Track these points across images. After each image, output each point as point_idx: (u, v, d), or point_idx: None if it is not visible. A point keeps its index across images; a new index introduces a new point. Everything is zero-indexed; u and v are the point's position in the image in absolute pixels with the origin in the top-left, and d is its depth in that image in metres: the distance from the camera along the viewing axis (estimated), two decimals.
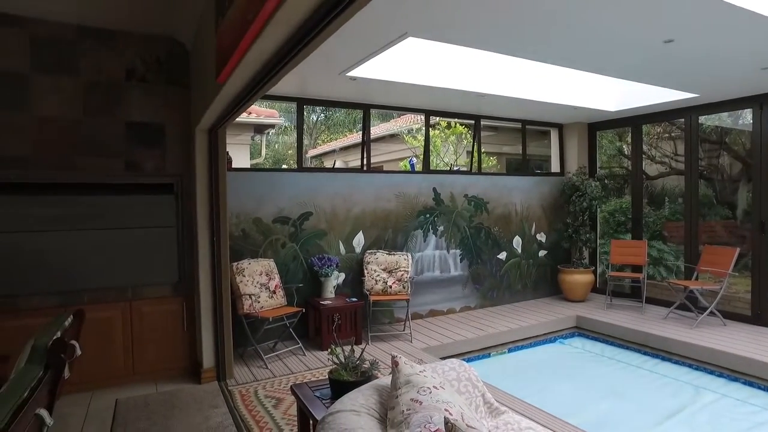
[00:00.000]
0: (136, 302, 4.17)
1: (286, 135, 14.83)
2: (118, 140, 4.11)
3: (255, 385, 4.18)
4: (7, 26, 3.76)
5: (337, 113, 15.65)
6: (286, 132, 14.62)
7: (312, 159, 14.91)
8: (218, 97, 2.96)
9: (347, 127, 15.78)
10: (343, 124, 16.02)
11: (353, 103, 6.04)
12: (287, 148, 15.27)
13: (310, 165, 13.81)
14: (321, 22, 1.79)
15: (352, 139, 13.38)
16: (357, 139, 12.83)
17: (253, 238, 5.19)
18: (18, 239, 3.79)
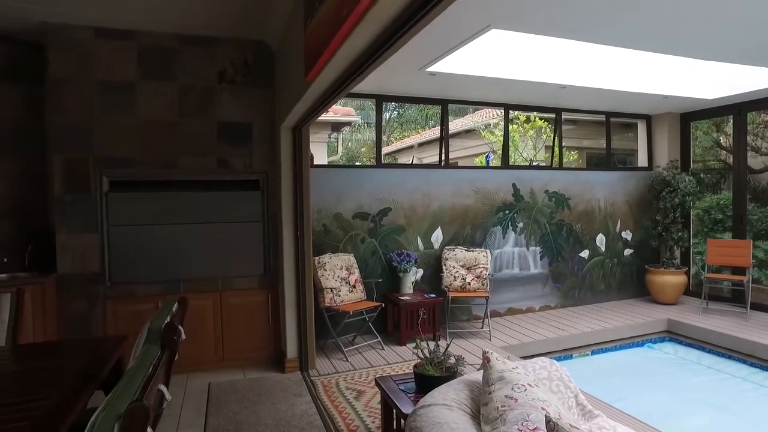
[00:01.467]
0: (225, 293, 4.41)
1: (359, 133, 15.07)
2: (211, 140, 4.37)
3: (336, 377, 4.29)
4: (120, 40, 4.11)
5: (409, 110, 15.67)
6: (358, 130, 14.87)
7: (385, 156, 15.04)
8: (306, 96, 3.06)
9: (420, 123, 15.76)
10: (416, 121, 16.02)
11: (431, 99, 6.02)
12: (360, 146, 15.52)
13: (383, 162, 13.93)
14: (413, 17, 1.80)
15: (425, 135, 13.35)
16: (430, 136, 12.79)
17: (333, 234, 5.32)
18: (131, 232, 4.15)
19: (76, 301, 4.04)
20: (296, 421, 3.45)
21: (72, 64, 4.04)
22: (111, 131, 4.11)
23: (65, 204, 4.02)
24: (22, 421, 1.61)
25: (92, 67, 4.08)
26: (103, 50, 4.10)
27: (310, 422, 3.44)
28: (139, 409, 1.16)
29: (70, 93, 4.03)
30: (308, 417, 3.52)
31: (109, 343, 2.49)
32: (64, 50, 4.02)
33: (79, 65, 4.05)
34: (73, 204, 4.03)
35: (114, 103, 4.11)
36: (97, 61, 4.09)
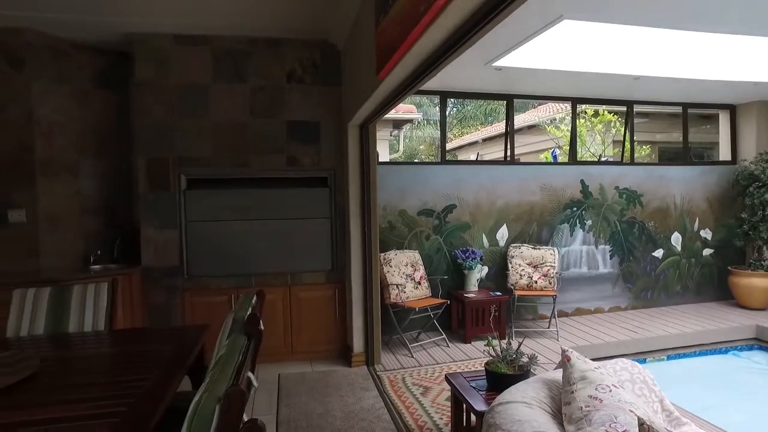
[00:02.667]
0: (294, 287, 4.54)
1: (417, 130, 15.05)
2: (281, 138, 4.51)
3: (402, 373, 4.31)
4: (196, 45, 4.33)
5: (467, 106, 15.47)
6: (417, 127, 14.85)
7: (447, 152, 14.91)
8: (376, 93, 3.09)
9: (479, 120, 15.53)
10: (475, 117, 15.80)
11: (496, 94, 5.92)
12: (418, 143, 15.50)
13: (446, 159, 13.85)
14: (495, 9, 1.77)
15: (486, 132, 13.13)
16: (491, 132, 12.56)
17: (398, 230, 5.36)
18: (206, 228, 4.37)
19: (158, 292, 4.29)
20: (364, 414, 3.51)
21: (154, 70, 4.29)
22: (188, 132, 4.34)
23: (148, 201, 4.29)
24: (129, 398, 1.74)
25: (171, 72, 4.32)
26: (181, 56, 4.33)
27: (378, 416, 3.48)
28: (238, 392, 1.21)
29: (152, 97, 4.28)
30: (376, 411, 3.56)
31: (193, 332, 2.63)
32: (147, 58, 4.28)
33: (160, 71, 4.30)
34: (155, 201, 4.29)
35: (191, 106, 4.34)
36: (175, 67, 4.32)
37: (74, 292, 2.88)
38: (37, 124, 4.19)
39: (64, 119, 4.33)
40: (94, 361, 2.35)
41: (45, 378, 2.00)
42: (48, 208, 4.25)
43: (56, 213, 4.30)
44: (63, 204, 4.34)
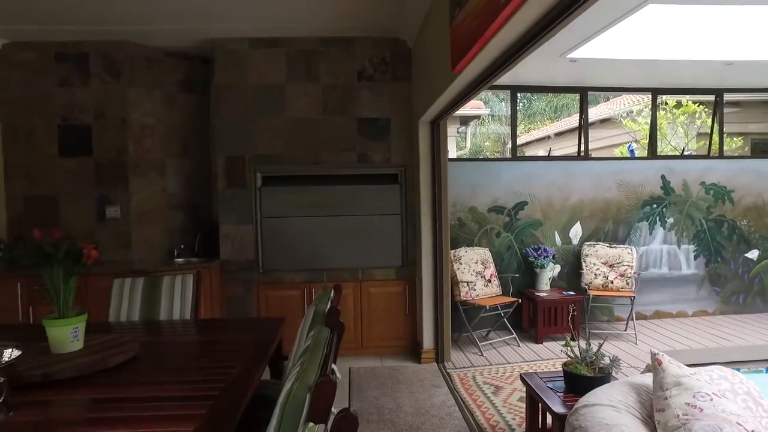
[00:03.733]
0: (364, 283, 4.60)
1: (482, 126, 14.79)
2: (352, 135, 4.58)
3: (472, 371, 4.27)
4: (271, 47, 4.49)
5: (535, 101, 15.02)
6: (482, 123, 14.59)
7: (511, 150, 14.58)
8: (450, 88, 3.06)
9: (547, 115, 15.04)
10: (543, 112, 15.32)
11: (568, 87, 5.70)
12: (483, 140, 15.22)
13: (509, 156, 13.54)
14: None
15: (556, 126, 12.69)
16: (561, 127, 12.13)
17: (468, 227, 5.30)
18: (280, 224, 4.53)
19: (235, 285, 4.50)
20: (435, 411, 3.50)
21: (232, 73, 4.49)
22: (263, 131, 4.50)
23: (226, 198, 4.50)
24: (219, 383, 1.83)
25: (248, 74, 4.50)
26: (257, 58, 4.50)
27: (449, 413, 3.46)
28: (328, 382, 1.25)
29: (231, 98, 4.49)
30: (447, 408, 3.55)
31: (272, 324, 2.74)
32: (226, 61, 4.49)
33: (237, 73, 4.49)
34: (233, 198, 4.49)
35: (266, 106, 4.50)
36: (252, 69, 4.50)
37: (164, 282, 3.07)
38: (130, 128, 4.51)
39: (154, 122, 4.64)
40: (184, 348, 2.50)
41: (143, 360, 2.15)
42: (138, 205, 4.57)
43: (145, 209, 4.61)
44: (151, 201, 4.65)
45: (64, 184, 4.54)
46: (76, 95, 4.52)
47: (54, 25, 4.16)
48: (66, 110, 4.52)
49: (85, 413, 1.69)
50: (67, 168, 4.54)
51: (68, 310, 2.12)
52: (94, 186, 4.54)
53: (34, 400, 1.71)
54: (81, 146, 4.53)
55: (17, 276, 4.06)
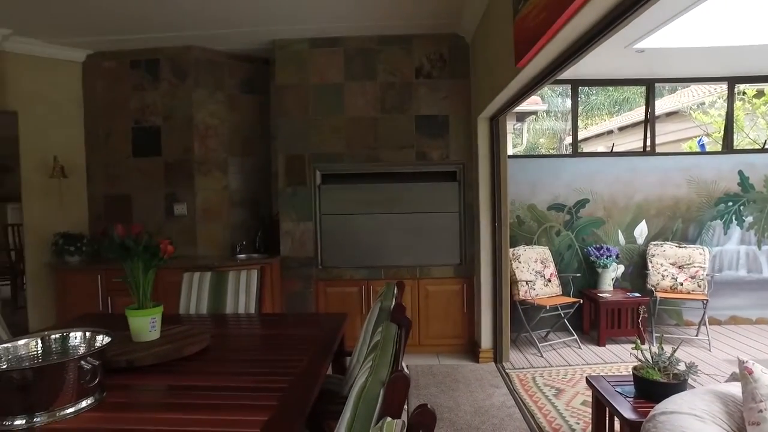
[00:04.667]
0: (422, 281, 4.59)
1: (537, 122, 14.39)
2: (410, 133, 4.58)
3: (532, 372, 4.17)
4: (330, 47, 4.56)
5: (593, 96, 14.47)
6: (537, 119, 14.20)
7: (568, 146, 14.12)
8: (512, 83, 3.00)
9: (606, 110, 14.46)
10: (602, 107, 14.73)
11: (634, 80, 5.46)
12: (539, 136, 14.81)
13: (566, 152, 13.11)
14: None
15: (617, 121, 12.18)
16: (623, 122, 11.63)
17: (527, 225, 5.18)
18: (339, 221, 4.60)
19: (295, 281, 4.60)
20: (494, 411, 3.45)
21: (292, 73, 4.59)
22: (323, 130, 4.58)
23: (286, 195, 4.61)
24: (288, 375, 1.88)
25: (308, 74, 4.59)
26: (316, 58, 4.58)
27: (509, 414, 3.40)
28: (402, 378, 1.25)
29: (291, 98, 4.59)
30: (507, 409, 3.49)
31: (335, 320, 2.78)
32: (286, 62, 4.59)
33: (297, 73, 4.59)
34: (293, 195, 4.60)
35: (325, 104, 4.57)
36: (311, 68, 4.58)
37: (230, 277, 3.19)
38: (196, 128, 4.71)
39: (217, 122, 4.82)
40: (252, 341, 2.59)
41: (214, 351, 2.24)
42: (203, 203, 4.77)
43: (209, 206, 4.80)
44: (214, 198, 4.83)
45: (137, 183, 4.81)
46: (147, 99, 4.76)
47: (130, 34, 4.41)
48: (138, 113, 4.78)
49: (164, 398, 1.78)
50: (139, 167, 4.80)
51: (147, 302, 2.24)
52: (163, 184, 4.78)
53: (120, 383, 1.82)
54: (152, 147, 4.77)
55: (98, 269, 4.35)
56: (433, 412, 1.06)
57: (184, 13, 3.98)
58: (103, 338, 1.82)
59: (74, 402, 1.60)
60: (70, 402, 1.59)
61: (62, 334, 1.85)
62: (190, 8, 3.90)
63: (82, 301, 4.33)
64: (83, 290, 4.37)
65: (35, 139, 4.69)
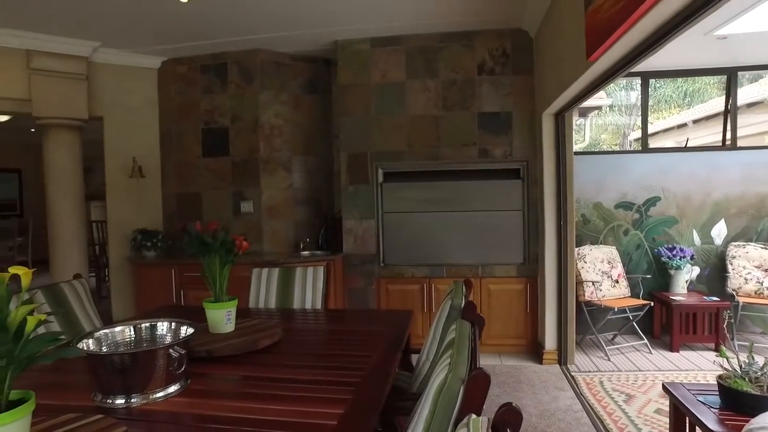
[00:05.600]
0: (484, 279, 4.53)
1: (599, 117, 13.81)
2: (472, 130, 4.53)
3: (599, 376, 4.03)
4: (391, 46, 4.58)
5: (660, 88, 13.72)
6: (598, 114, 13.63)
7: (634, 142, 13.48)
8: (582, 77, 2.91)
9: (674, 102, 13.68)
10: (670, 99, 13.94)
11: (713, 69, 5.13)
12: (599, 132, 14.21)
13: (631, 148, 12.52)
14: None
15: (690, 114, 11.51)
16: (696, 114, 10.98)
17: (593, 224, 5.00)
18: (401, 219, 4.63)
19: (357, 278, 4.67)
20: (561, 415, 3.36)
21: (354, 73, 4.65)
22: (384, 128, 4.61)
23: (349, 193, 4.68)
24: (359, 370, 1.92)
25: (369, 73, 4.63)
26: (378, 57, 4.62)
27: (576, 419, 3.30)
28: (483, 375, 1.25)
29: (353, 97, 4.65)
30: (573, 413, 3.39)
31: (402, 316, 2.80)
32: (348, 61, 4.66)
33: (359, 73, 4.64)
34: (355, 193, 4.66)
35: (387, 103, 4.61)
36: (373, 67, 4.63)
37: (297, 273, 3.28)
38: (261, 129, 4.87)
39: (282, 123, 4.96)
40: (321, 335, 2.65)
41: (286, 345, 2.31)
42: (268, 201, 4.92)
43: (274, 204, 4.95)
44: (279, 196, 4.98)
45: (207, 182, 5.03)
46: (216, 101, 4.97)
47: (201, 40, 4.62)
48: (208, 115, 5.00)
49: (242, 388, 1.85)
50: (208, 167, 5.02)
51: (223, 295, 2.34)
52: (231, 183, 4.97)
53: (200, 372, 1.91)
54: (220, 147, 4.98)
55: (172, 264, 4.60)
56: (519, 411, 1.04)
57: (252, 17, 4.13)
58: (186, 329, 1.92)
59: (164, 387, 1.70)
60: (161, 387, 1.70)
61: (151, 323, 1.97)
62: (257, 13, 4.04)
63: (157, 294, 4.60)
64: (159, 283, 4.63)
65: (117, 141, 5.01)
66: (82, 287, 3.02)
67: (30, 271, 1.20)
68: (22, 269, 1.19)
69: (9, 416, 1.12)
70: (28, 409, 1.18)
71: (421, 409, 1.42)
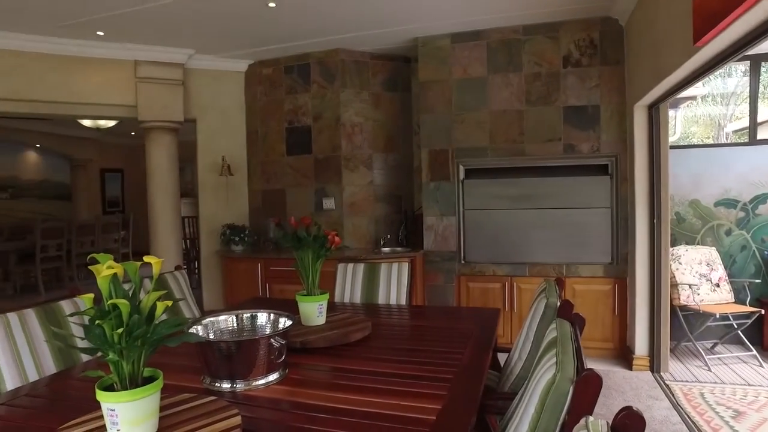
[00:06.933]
0: (569, 279, 4.36)
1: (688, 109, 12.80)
2: (556, 125, 4.37)
3: (698, 387, 3.75)
4: (472, 41, 4.52)
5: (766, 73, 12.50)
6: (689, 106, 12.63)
7: (735, 133, 12.40)
8: (686, 64, 2.71)
9: None
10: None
11: None
12: (690, 124, 13.18)
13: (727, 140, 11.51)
14: None
15: None
16: None
17: (688, 223, 4.67)
18: (482, 216, 4.56)
19: (437, 275, 4.65)
20: (657, 426, 3.16)
21: (435, 69, 4.63)
22: (466, 124, 4.56)
23: (430, 190, 4.67)
24: (451, 367, 1.92)
25: (450, 69, 4.59)
26: (458, 52, 4.57)
27: (675, 431, 3.10)
28: (595, 376, 1.20)
29: (434, 94, 4.63)
30: (672, 425, 3.18)
31: (490, 314, 2.76)
32: (429, 58, 4.65)
33: (440, 69, 4.62)
34: (436, 190, 4.64)
35: (468, 99, 4.55)
36: (454, 63, 4.58)
37: (382, 269, 3.32)
38: (343, 127, 4.98)
39: (362, 120, 5.04)
40: (407, 331, 2.67)
41: (374, 339, 2.34)
42: (349, 197, 5.03)
43: (354, 201, 5.05)
44: (359, 193, 5.07)
45: (290, 179, 5.22)
46: (299, 101, 5.14)
47: (285, 43, 4.79)
48: (292, 115, 5.19)
49: (337, 379, 1.90)
50: (292, 165, 5.21)
51: (315, 289, 2.42)
52: (313, 180, 5.13)
53: (294, 362, 1.99)
54: (303, 145, 5.15)
55: (258, 258, 4.82)
56: (641, 415, 0.99)
57: (334, 18, 4.22)
58: (285, 321, 2.00)
59: (265, 374, 1.79)
60: (262, 374, 1.78)
61: (252, 313, 2.08)
62: (339, 14, 4.13)
63: (244, 286, 4.84)
64: (245, 276, 4.87)
65: (208, 142, 5.33)
66: (182, 277, 3.24)
67: (160, 260, 1.30)
68: (153, 258, 1.30)
69: (145, 390, 1.23)
70: (159, 385, 1.28)
71: (525, 408, 1.39)
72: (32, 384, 1.94)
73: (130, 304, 1.24)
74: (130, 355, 1.25)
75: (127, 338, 1.22)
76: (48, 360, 2.10)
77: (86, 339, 1.24)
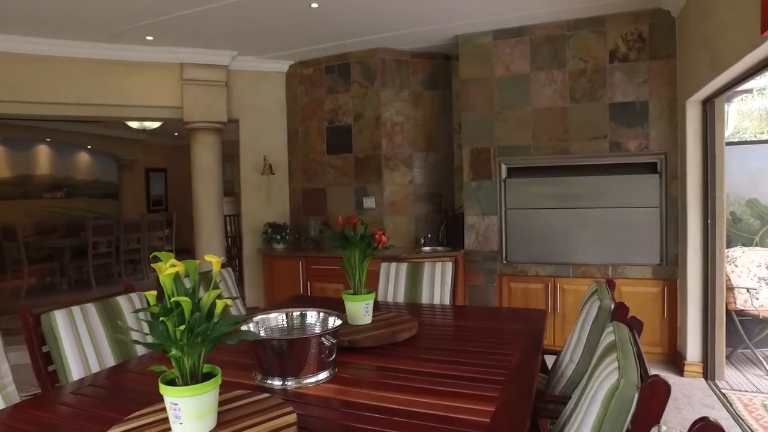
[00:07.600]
0: (615, 280, 4.21)
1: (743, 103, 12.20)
2: (602, 122, 4.24)
3: (761, 398, 3.57)
4: (515, 37, 4.45)
5: None
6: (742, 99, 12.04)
7: None
8: (750, 55, 2.58)
9: None
10: None
11: None
12: (742, 118, 12.57)
13: None
14: None
15: None
16: None
17: (745, 223, 4.46)
18: (525, 216, 4.48)
19: (478, 275, 4.60)
20: None
21: (476, 67, 4.58)
22: (508, 122, 4.49)
23: (471, 189, 4.62)
24: (501, 368, 1.89)
25: (492, 66, 4.53)
26: (500, 49, 4.50)
27: None
28: (662, 383, 1.16)
29: (475, 92, 4.58)
30: None
31: (537, 315, 2.71)
32: (470, 56, 4.60)
33: (482, 66, 4.56)
34: (478, 189, 4.59)
35: (510, 96, 4.47)
36: (496, 60, 4.52)
37: (425, 268, 3.31)
38: (383, 126, 4.98)
39: (403, 119, 5.04)
40: (452, 330, 2.66)
41: (422, 339, 2.33)
42: (390, 196, 5.03)
43: (395, 200, 5.05)
44: (400, 192, 5.06)
45: (331, 178, 5.27)
46: (340, 100, 5.18)
47: (325, 43, 4.83)
48: (332, 114, 5.23)
49: (386, 379, 1.89)
50: (332, 164, 5.25)
51: (362, 288, 2.42)
52: (354, 179, 5.15)
53: (342, 361, 1.99)
54: (344, 144, 5.18)
55: (299, 256, 4.88)
56: (720, 427, 0.95)
57: (375, 18, 4.22)
58: (334, 320, 2.01)
59: (315, 373, 1.80)
60: (313, 373, 1.79)
61: (302, 312, 2.10)
62: (380, 13, 4.12)
63: (285, 284, 4.91)
64: (287, 274, 4.94)
65: (251, 141, 5.43)
66: (228, 275, 3.30)
67: (219, 259, 1.33)
68: (214, 257, 1.32)
69: (206, 386, 1.26)
70: (218, 381, 1.31)
71: (585, 413, 1.36)
72: (94, 375, 2.02)
73: (191, 301, 1.27)
74: (192, 351, 1.28)
75: (188, 335, 1.26)
76: (107, 352, 2.18)
77: (151, 335, 1.28)
